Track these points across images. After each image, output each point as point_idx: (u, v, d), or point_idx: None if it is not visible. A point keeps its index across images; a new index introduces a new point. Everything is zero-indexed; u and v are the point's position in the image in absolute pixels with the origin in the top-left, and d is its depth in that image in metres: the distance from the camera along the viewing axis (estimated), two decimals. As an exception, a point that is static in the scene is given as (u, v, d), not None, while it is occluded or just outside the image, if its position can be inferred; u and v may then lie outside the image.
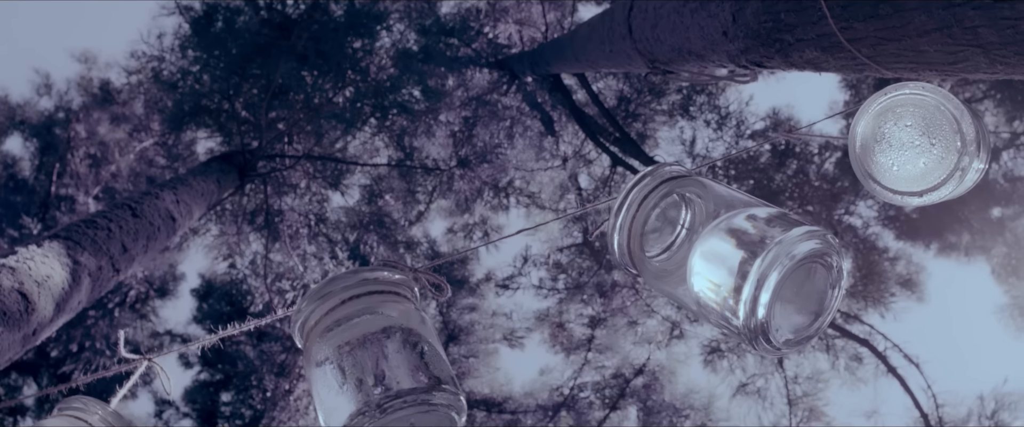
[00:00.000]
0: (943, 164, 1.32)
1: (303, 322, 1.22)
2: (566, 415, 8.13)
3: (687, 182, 1.26)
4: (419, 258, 8.08)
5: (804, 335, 1.16)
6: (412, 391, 1.10)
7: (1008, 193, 7.44)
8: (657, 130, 7.97)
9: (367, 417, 1.08)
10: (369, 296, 1.21)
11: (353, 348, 1.15)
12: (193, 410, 7.95)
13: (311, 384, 1.18)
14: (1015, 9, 1.11)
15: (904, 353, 7.04)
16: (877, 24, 1.46)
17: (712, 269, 1.14)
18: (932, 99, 1.29)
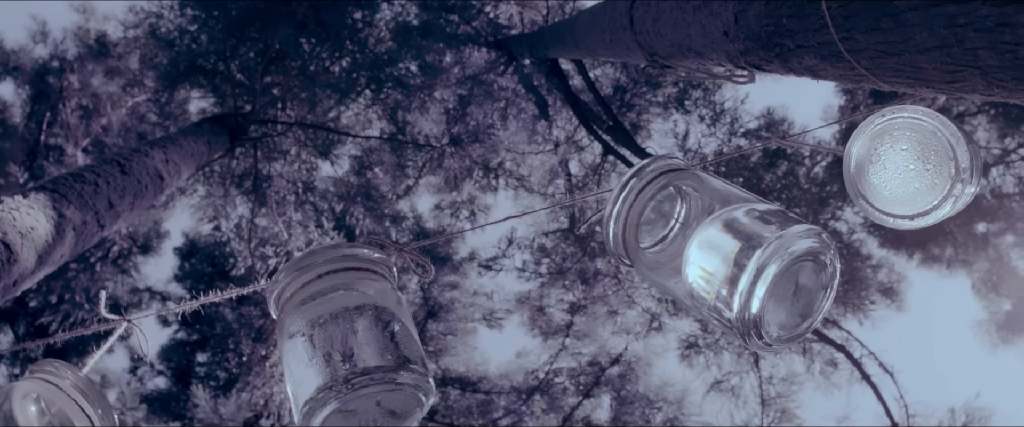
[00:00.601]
0: (936, 190, 1.33)
1: (279, 293, 1.22)
2: (540, 399, 8.15)
3: (685, 175, 1.26)
4: (404, 233, 8.07)
5: (793, 333, 1.17)
6: (379, 369, 1.11)
7: (994, 209, 7.47)
8: (651, 122, 7.98)
9: (333, 391, 1.09)
10: (346, 272, 1.22)
11: (325, 322, 1.16)
12: (168, 369, 7.95)
13: (282, 355, 1.19)
14: (1016, 34, 1.11)
15: (879, 361, 7.08)
16: (878, 37, 1.46)
17: (709, 259, 1.15)
18: (929, 124, 1.30)
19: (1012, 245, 7.76)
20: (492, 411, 8.03)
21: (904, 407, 7.04)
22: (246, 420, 7.02)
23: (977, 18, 1.18)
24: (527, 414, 8.10)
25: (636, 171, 1.24)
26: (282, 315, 1.21)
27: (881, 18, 1.42)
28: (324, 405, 1.09)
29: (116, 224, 3.49)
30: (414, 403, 1.15)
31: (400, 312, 1.20)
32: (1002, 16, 1.13)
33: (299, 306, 1.18)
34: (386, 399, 1.13)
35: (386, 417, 1.15)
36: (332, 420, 1.11)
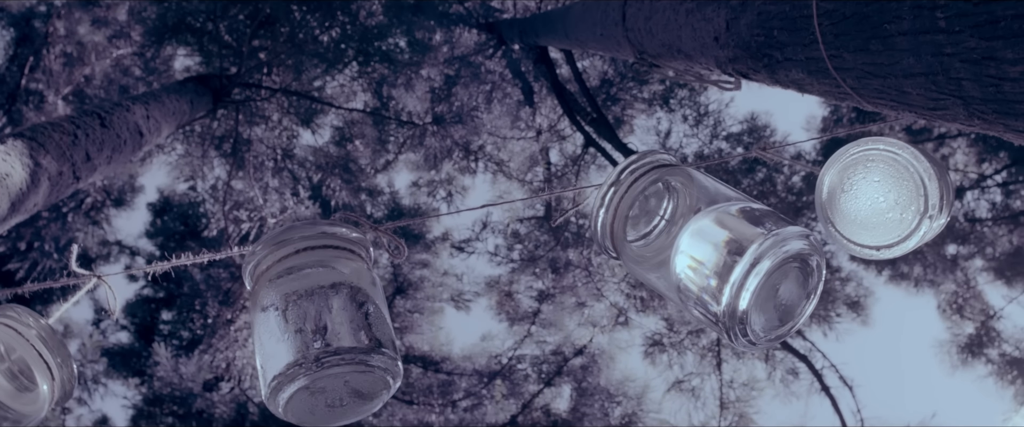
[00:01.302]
0: (903, 224, 1.35)
1: (255, 265, 1.22)
2: (501, 384, 8.17)
3: (676, 171, 1.27)
4: (380, 207, 8.06)
5: (775, 335, 1.18)
6: (351, 350, 1.11)
7: (966, 233, 7.53)
8: (635, 117, 7.99)
9: (303, 368, 1.09)
10: (324, 250, 1.22)
11: (300, 298, 1.16)
12: (132, 324, 7.91)
13: (254, 327, 1.19)
14: (1000, 69, 1.12)
15: (840, 374, 7.14)
16: (866, 58, 1.47)
17: (702, 250, 1.16)
18: (903, 158, 1.32)
19: (980, 269, 7.83)
20: (453, 392, 8.05)
21: (860, 421, 7.10)
22: (206, 381, 7.01)
23: (964, 49, 1.19)
24: (487, 398, 8.12)
25: (629, 164, 1.25)
26: (256, 287, 1.21)
27: (870, 40, 1.43)
28: (293, 381, 1.09)
29: (92, 177, 3.47)
30: (382, 386, 1.16)
31: (374, 294, 1.20)
32: (989, 50, 1.14)
33: (275, 279, 1.18)
34: (355, 380, 1.13)
35: (352, 397, 1.16)
36: (299, 396, 1.11)
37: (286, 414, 1.13)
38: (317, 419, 1.17)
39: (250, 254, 1.22)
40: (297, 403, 1.12)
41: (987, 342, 7.91)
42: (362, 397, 1.16)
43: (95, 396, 7.55)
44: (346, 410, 1.17)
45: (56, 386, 1.13)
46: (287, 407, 1.12)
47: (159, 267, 1.42)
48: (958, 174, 7.50)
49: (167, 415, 7.26)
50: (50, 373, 1.12)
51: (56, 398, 1.15)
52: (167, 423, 7.35)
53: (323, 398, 1.14)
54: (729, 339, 1.13)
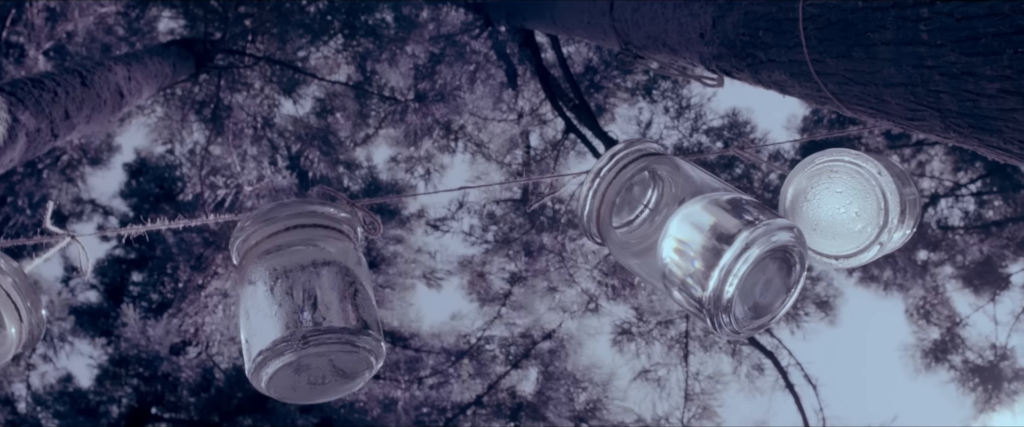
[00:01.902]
0: (862, 236, 1.38)
1: (244, 239, 1.22)
2: (468, 363, 8.19)
3: (664, 160, 1.28)
4: (357, 181, 8.05)
5: (754, 325, 1.19)
6: (342, 330, 1.12)
7: (938, 240, 7.59)
8: (616, 106, 8.00)
9: (291, 345, 1.09)
10: (313, 229, 1.22)
11: (290, 274, 1.16)
12: (101, 283, 7.89)
13: (240, 302, 1.19)
14: (978, 85, 1.14)
15: (805, 372, 7.19)
16: (848, 64, 1.49)
17: (691, 234, 1.16)
18: (867, 171, 1.34)
19: (949, 276, 7.89)
20: (419, 368, 8.06)
21: (822, 420, 7.16)
22: (173, 345, 7.00)
23: (945, 63, 1.20)
24: (454, 376, 8.14)
25: (618, 151, 1.26)
26: (244, 262, 1.21)
27: (854, 47, 1.45)
28: (279, 357, 1.09)
29: (70, 135, 3.46)
30: (364, 366, 1.16)
31: (361, 273, 1.21)
32: (969, 65, 1.16)
33: (264, 255, 1.19)
34: (339, 359, 1.14)
35: (335, 376, 1.16)
36: (283, 373, 1.11)
37: (268, 389, 1.14)
38: (298, 396, 1.17)
39: (239, 229, 1.22)
40: (280, 379, 1.12)
41: (951, 348, 7.98)
42: (344, 376, 1.17)
43: (61, 354, 7.53)
44: (327, 388, 1.18)
45: (24, 329, 1.12)
46: (270, 383, 1.12)
47: (134, 230, 1.41)
48: (933, 181, 7.56)
49: (132, 377, 7.25)
50: (19, 315, 1.11)
51: (23, 342, 1.14)
52: (132, 385, 7.34)
53: (306, 375, 1.14)
54: (711, 325, 1.14)
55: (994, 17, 1.12)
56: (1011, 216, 7.64)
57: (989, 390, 7.86)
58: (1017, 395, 7.85)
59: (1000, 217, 7.72)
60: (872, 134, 6.34)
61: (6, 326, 1.11)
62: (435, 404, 8.04)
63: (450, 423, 8.16)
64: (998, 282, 7.78)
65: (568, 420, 8.05)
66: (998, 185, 7.52)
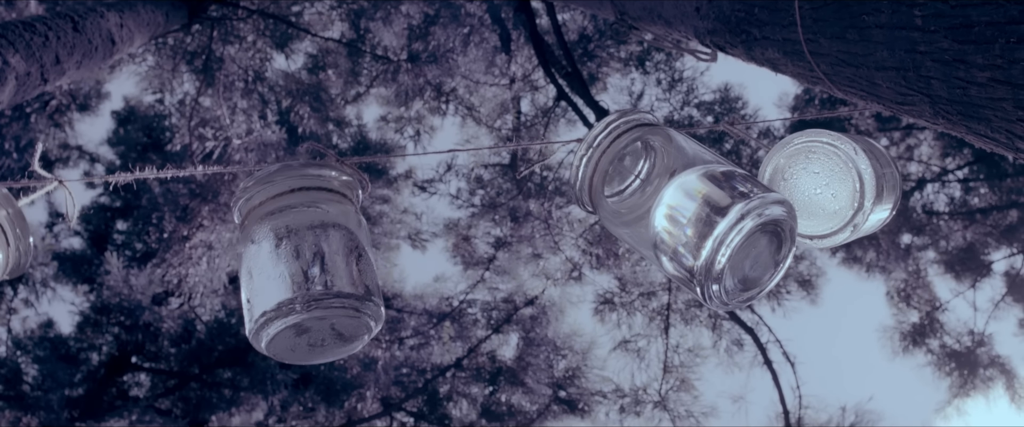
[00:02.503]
0: (837, 217, 1.39)
1: (247, 200, 1.22)
2: (449, 325, 8.21)
3: (658, 131, 1.28)
4: (346, 139, 8.03)
5: (743, 297, 1.20)
6: (350, 296, 1.12)
7: (922, 224, 7.62)
8: (609, 75, 7.98)
9: (297, 307, 1.09)
10: (318, 192, 1.22)
11: (296, 236, 1.16)
12: (86, 230, 7.87)
13: (242, 262, 1.18)
14: (969, 73, 1.15)
15: (784, 349, 7.22)
16: (841, 46, 1.49)
17: (686, 205, 1.17)
18: (843, 152, 1.35)
19: (931, 261, 7.93)
20: (400, 329, 8.08)
21: (799, 397, 7.21)
22: (156, 295, 7.00)
23: (937, 49, 1.21)
24: (434, 338, 8.16)
25: (612, 120, 1.26)
26: (247, 222, 1.21)
27: (848, 29, 1.45)
28: (283, 319, 1.10)
29: (60, 80, 3.44)
30: (364, 331, 1.17)
31: (363, 238, 1.21)
32: (961, 53, 1.16)
33: (268, 216, 1.18)
34: (341, 323, 1.14)
35: (335, 339, 1.17)
36: (285, 334, 1.12)
37: (268, 349, 1.14)
38: (296, 357, 1.18)
39: (242, 189, 1.22)
40: (281, 340, 1.13)
41: (930, 333, 8.04)
42: (343, 340, 1.18)
43: (43, 299, 7.53)
44: (325, 350, 1.18)
45: (10, 254, 1.12)
46: (271, 343, 1.12)
47: (122, 178, 1.40)
48: (921, 166, 7.58)
49: (114, 325, 7.25)
50: (6, 241, 1.11)
51: (9, 268, 1.14)
52: (113, 333, 7.34)
53: (306, 337, 1.14)
54: (701, 295, 1.15)
55: (988, 6, 1.13)
56: (996, 204, 7.67)
57: (964, 375, 7.92)
58: (992, 381, 7.92)
59: (985, 205, 7.75)
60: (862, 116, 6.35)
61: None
62: (415, 365, 8.07)
63: (429, 384, 8.19)
64: (979, 269, 7.82)
65: (546, 387, 8.09)
66: (984, 173, 7.55)
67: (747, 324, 7.44)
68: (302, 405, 7.93)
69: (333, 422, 8.14)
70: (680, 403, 7.79)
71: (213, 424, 7.67)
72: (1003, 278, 7.94)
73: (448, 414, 8.30)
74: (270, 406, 7.91)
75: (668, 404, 7.79)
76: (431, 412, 8.36)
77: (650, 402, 7.84)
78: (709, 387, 7.85)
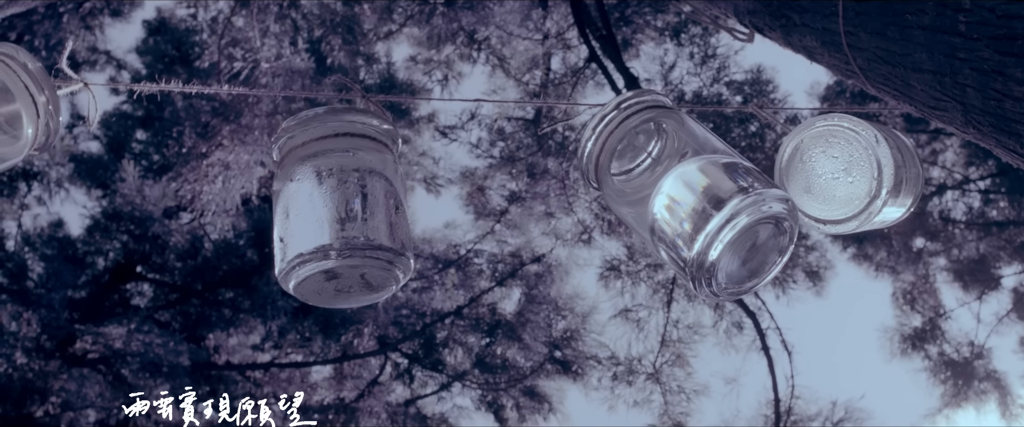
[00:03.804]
0: (852, 204, 1.38)
1: (288, 139, 1.21)
2: (454, 273, 8.23)
3: (671, 114, 1.28)
4: (373, 75, 8.01)
5: (738, 289, 1.21)
6: (389, 250, 1.12)
7: (937, 230, 7.59)
8: (643, 42, 7.93)
9: (334, 253, 1.09)
10: (361, 139, 1.21)
11: (340, 180, 1.15)
12: (105, 136, 7.89)
13: (279, 198, 1.18)
14: (1007, 86, 1.13)
15: (782, 338, 7.22)
16: (880, 42, 1.48)
17: (683, 193, 1.17)
18: (865, 139, 1.33)
19: (941, 268, 7.91)
20: (405, 270, 8.09)
21: (792, 387, 7.21)
22: (167, 208, 7.03)
23: (977, 57, 1.20)
24: (437, 284, 8.18)
25: (625, 99, 1.26)
26: (287, 160, 1.20)
27: (889, 26, 1.44)
28: (318, 262, 1.10)
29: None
30: (392, 282, 1.17)
31: (401, 191, 1.21)
32: (1000, 64, 1.15)
33: (310, 157, 1.18)
34: (371, 274, 1.14)
35: (362, 287, 1.17)
36: (315, 278, 1.12)
37: (295, 290, 1.14)
38: (322, 300, 1.18)
39: (284, 128, 1.21)
40: (310, 283, 1.13)
41: (930, 339, 8.03)
42: (371, 289, 1.18)
43: (56, 199, 7.57)
44: (351, 296, 1.19)
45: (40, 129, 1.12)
46: (300, 285, 1.13)
47: (147, 87, 1.40)
48: (943, 172, 7.54)
49: (123, 233, 7.29)
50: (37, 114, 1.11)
51: (37, 143, 1.14)
52: (121, 241, 7.38)
53: (335, 283, 1.15)
54: (693, 286, 1.15)
55: (1035, 20, 1.11)
56: (1014, 219, 7.63)
57: (959, 385, 7.92)
58: (985, 395, 7.92)
59: (1003, 218, 7.72)
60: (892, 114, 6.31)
61: (24, 126, 1.10)
62: (416, 307, 8.10)
63: (427, 328, 8.23)
64: (988, 282, 7.80)
65: (543, 345, 8.12)
66: (1007, 186, 7.50)
67: (750, 308, 7.43)
68: (300, 333, 7.98)
69: (328, 354, 8.19)
70: (673, 378, 7.82)
71: (209, 342, 7.73)
72: (1011, 294, 7.92)
73: (442, 360, 8.34)
74: (268, 331, 7.97)
75: (661, 377, 7.81)
76: (426, 356, 8.40)
77: (643, 373, 7.86)
78: (704, 366, 7.86)
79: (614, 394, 7.94)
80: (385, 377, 8.46)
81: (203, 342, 7.67)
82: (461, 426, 8.44)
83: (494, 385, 8.37)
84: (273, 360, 8.21)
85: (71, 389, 6.74)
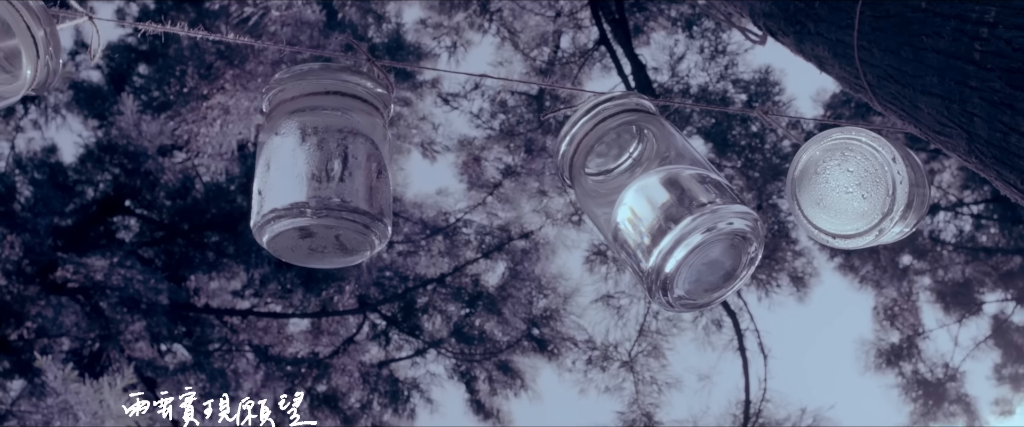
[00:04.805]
0: (864, 219, 1.37)
1: (280, 91, 1.21)
2: (440, 240, 8.23)
3: (652, 120, 1.28)
4: (382, 35, 7.98)
5: (697, 302, 1.21)
6: (365, 214, 1.12)
7: (925, 250, 7.60)
8: (655, 30, 7.91)
9: (309, 211, 1.09)
10: (352, 99, 1.21)
11: (322, 137, 1.15)
12: (107, 66, 7.83)
13: (262, 150, 1.18)
14: (1015, 120, 1.13)
15: (760, 340, 7.24)
16: (893, 60, 1.47)
17: (642, 206, 1.17)
18: (882, 157, 1.33)
19: (925, 287, 7.94)
20: (394, 232, 8.08)
21: (764, 390, 7.24)
22: (162, 146, 7.00)
23: (988, 88, 1.19)
24: (423, 249, 8.18)
25: (605, 100, 1.25)
26: (275, 112, 1.20)
27: (904, 45, 1.43)
28: (292, 219, 1.10)
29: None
30: (367, 247, 1.17)
31: (386, 156, 1.21)
32: (1011, 97, 1.14)
33: (298, 112, 1.17)
34: (347, 236, 1.14)
35: (336, 249, 1.17)
36: (289, 234, 1.12)
37: (268, 245, 1.14)
38: (295, 257, 1.18)
39: (276, 80, 1.21)
40: (283, 239, 1.13)
41: (906, 356, 8.07)
42: (345, 251, 1.18)
43: (51, 124, 7.53)
44: (324, 257, 1.19)
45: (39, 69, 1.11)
46: (273, 239, 1.13)
47: (152, 28, 1.40)
48: (938, 192, 7.54)
49: (115, 166, 7.26)
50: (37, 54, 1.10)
51: (35, 84, 1.13)
52: (113, 173, 7.36)
53: (309, 242, 1.15)
54: (650, 296, 1.15)
55: (1051, 58, 1.11)
56: (1002, 246, 7.66)
57: (929, 406, 7.96)
58: (954, 418, 7.96)
59: (992, 245, 7.74)
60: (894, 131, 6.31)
61: (23, 66, 1.09)
62: (399, 270, 8.10)
63: (409, 292, 8.23)
64: (970, 306, 7.83)
65: (521, 320, 8.13)
66: (999, 213, 7.52)
67: (731, 308, 7.45)
68: (281, 285, 7.98)
69: (307, 308, 8.20)
70: (647, 368, 7.83)
71: (190, 283, 7.72)
72: (990, 320, 7.96)
73: (420, 326, 8.35)
74: (249, 278, 7.96)
75: (635, 366, 7.83)
76: (404, 320, 8.41)
77: (618, 361, 7.88)
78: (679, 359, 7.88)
79: (587, 378, 7.97)
80: (362, 337, 8.47)
81: (184, 283, 7.67)
82: (432, 393, 8.47)
83: (469, 356, 8.39)
84: (252, 308, 8.21)
85: (47, 316, 6.74)
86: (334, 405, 8.14)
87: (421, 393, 8.47)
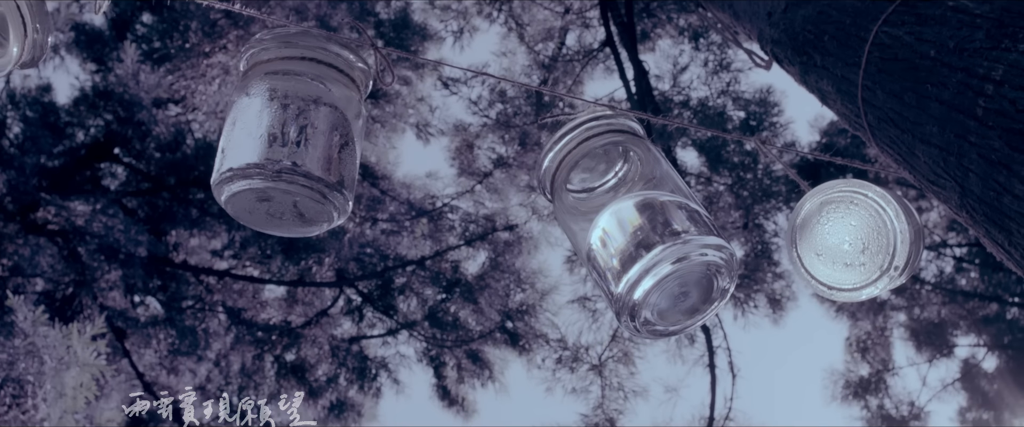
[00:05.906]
0: (862, 273, 1.36)
1: (258, 51, 1.20)
2: (425, 223, 8.21)
3: (638, 142, 1.27)
4: (390, 12, 7.96)
5: (665, 329, 1.20)
6: (318, 180, 1.11)
7: (903, 287, 7.62)
8: (661, 37, 7.90)
9: (262, 173, 1.08)
10: (329, 68, 1.20)
11: (289, 102, 1.15)
12: (112, 10, 7.78)
13: (231, 108, 1.17)
14: (1009, 181, 1.13)
15: (730, 359, 7.24)
16: (895, 105, 1.47)
17: (616, 231, 1.17)
18: (887, 214, 1.33)
19: (899, 324, 7.96)
20: (379, 210, 8.08)
21: (729, 409, 7.25)
22: (158, 98, 6.97)
23: (987, 146, 1.19)
24: (407, 229, 8.17)
25: (593, 118, 1.25)
26: (250, 72, 1.19)
27: (908, 91, 1.43)
28: (246, 180, 1.09)
29: None
30: (326, 218, 1.17)
31: (356, 130, 1.20)
32: (1008, 157, 1.14)
33: (270, 75, 1.17)
34: (305, 204, 1.14)
35: (295, 217, 1.16)
36: (245, 195, 1.11)
37: (227, 205, 1.14)
38: (253, 221, 1.18)
39: (256, 40, 1.20)
40: (241, 200, 1.12)
41: (873, 390, 8.09)
42: (303, 220, 1.17)
43: (49, 64, 7.48)
44: (283, 224, 1.18)
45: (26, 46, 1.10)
46: (230, 199, 1.12)
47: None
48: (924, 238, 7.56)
49: (108, 112, 7.23)
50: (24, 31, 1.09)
51: (21, 60, 1.12)
52: (105, 119, 7.32)
53: (267, 206, 1.14)
54: (618, 320, 1.15)
55: (1052, 124, 1.11)
56: (980, 292, 7.69)
57: (891, 443, 8.00)
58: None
59: (970, 289, 7.77)
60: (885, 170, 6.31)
61: (9, 43, 1.09)
62: (380, 249, 8.09)
63: (387, 271, 8.22)
64: (942, 347, 7.86)
65: (496, 312, 8.13)
66: (981, 259, 7.55)
67: (705, 324, 7.46)
68: (261, 250, 7.96)
69: (284, 276, 8.18)
70: (616, 374, 7.84)
71: (171, 238, 7.70)
72: (960, 364, 8.00)
73: (395, 306, 8.35)
74: (230, 239, 7.94)
75: (604, 371, 7.83)
76: (380, 298, 8.40)
77: (588, 364, 7.89)
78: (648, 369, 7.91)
79: (555, 377, 7.97)
80: (336, 310, 8.46)
81: (165, 237, 7.64)
82: (399, 374, 8.47)
83: (440, 341, 8.38)
84: (230, 269, 8.19)
85: (24, 254, 6.71)
86: (301, 375, 8.13)
87: (389, 373, 8.48)
